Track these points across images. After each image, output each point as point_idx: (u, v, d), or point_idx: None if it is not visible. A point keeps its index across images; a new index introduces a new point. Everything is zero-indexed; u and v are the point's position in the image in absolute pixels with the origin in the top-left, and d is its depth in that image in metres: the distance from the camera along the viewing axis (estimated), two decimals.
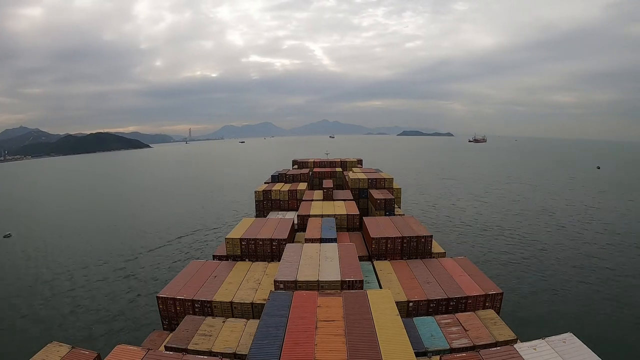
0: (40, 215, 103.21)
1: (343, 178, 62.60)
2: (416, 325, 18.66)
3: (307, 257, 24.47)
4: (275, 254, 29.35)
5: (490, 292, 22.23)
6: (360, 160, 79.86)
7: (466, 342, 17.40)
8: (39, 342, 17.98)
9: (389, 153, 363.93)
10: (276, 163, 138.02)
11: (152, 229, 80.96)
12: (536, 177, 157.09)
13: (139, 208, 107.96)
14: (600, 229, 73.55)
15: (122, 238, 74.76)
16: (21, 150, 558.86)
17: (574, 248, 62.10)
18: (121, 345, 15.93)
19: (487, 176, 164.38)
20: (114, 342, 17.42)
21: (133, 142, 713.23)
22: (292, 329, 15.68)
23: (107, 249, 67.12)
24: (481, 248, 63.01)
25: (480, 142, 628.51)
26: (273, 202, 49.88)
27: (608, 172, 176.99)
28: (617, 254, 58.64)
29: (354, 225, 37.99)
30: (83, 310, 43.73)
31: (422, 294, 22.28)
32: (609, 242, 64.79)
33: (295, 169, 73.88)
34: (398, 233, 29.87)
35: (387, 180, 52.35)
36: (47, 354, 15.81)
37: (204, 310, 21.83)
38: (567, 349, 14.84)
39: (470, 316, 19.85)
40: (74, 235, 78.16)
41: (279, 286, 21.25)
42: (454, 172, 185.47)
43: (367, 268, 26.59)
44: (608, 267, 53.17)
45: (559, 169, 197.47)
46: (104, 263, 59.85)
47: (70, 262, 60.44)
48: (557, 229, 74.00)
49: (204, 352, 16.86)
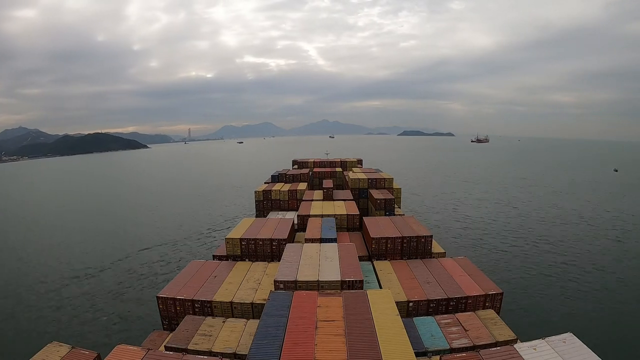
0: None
1: (343, 178, 62.63)
2: (416, 325, 18.66)
3: (307, 257, 24.47)
4: (275, 254, 29.36)
5: (490, 292, 22.24)
6: (360, 160, 79.93)
7: (466, 342, 17.40)
8: (39, 342, 17.98)
9: (390, 153, 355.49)
10: (275, 164, 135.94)
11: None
12: (545, 178, 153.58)
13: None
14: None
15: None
16: (19, 150, 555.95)
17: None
18: (121, 345, 15.94)
19: (491, 176, 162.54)
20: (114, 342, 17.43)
21: (131, 143, 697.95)
22: (292, 329, 15.69)
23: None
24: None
25: (483, 142, 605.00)
26: (273, 202, 49.89)
27: (625, 173, 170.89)
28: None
29: (354, 225, 37.99)
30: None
31: (422, 294, 22.28)
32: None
33: (295, 169, 73.91)
34: (398, 233, 29.88)
35: (387, 180, 52.39)
36: (47, 354, 15.81)
37: (204, 310, 21.84)
38: (567, 349, 14.84)
39: (470, 316, 19.86)
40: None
41: (279, 286, 21.26)
42: (457, 172, 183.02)
43: (367, 268, 26.59)
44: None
45: (571, 170, 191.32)
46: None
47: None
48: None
49: (204, 352, 16.87)
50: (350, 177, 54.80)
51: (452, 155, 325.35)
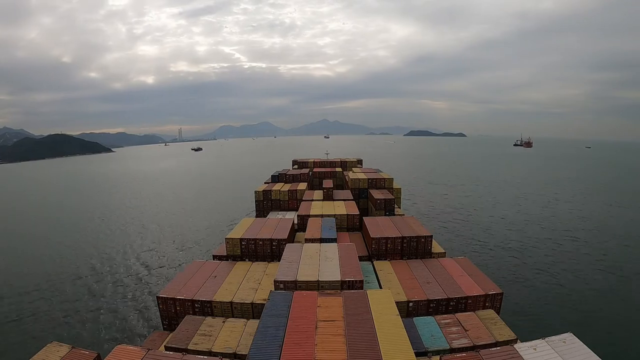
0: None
1: (343, 178, 62.63)
2: (416, 325, 18.64)
3: (307, 257, 24.44)
4: (275, 254, 29.33)
5: (490, 292, 22.21)
6: (360, 160, 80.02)
7: (466, 342, 17.39)
8: (39, 342, 17.97)
9: (411, 162, 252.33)
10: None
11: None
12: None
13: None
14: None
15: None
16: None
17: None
18: (121, 346, 15.92)
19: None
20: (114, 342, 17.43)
21: (89, 146, 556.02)
22: (292, 329, 15.67)
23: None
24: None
25: (528, 146, 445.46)
26: (273, 202, 49.87)
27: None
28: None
29: (354, 225, 37.96)
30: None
31: (422, 294, 22.26)
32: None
33: (295, 169, 73.89)
34: (398, 233, 29.86)
35: (387, 180, 52.41)
36: (47, 354, 15.79)
37: (204, 310, 21.81)
38: (567, 349, 14.82)
39: (470, 316, 19.83)
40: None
41: (279, 286, 21.24)
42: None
43: (367, 268, 26.56)
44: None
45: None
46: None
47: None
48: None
49: (204, 352, 16.85)
50: (350, 177, 54.80)
51: (503, 165, 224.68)
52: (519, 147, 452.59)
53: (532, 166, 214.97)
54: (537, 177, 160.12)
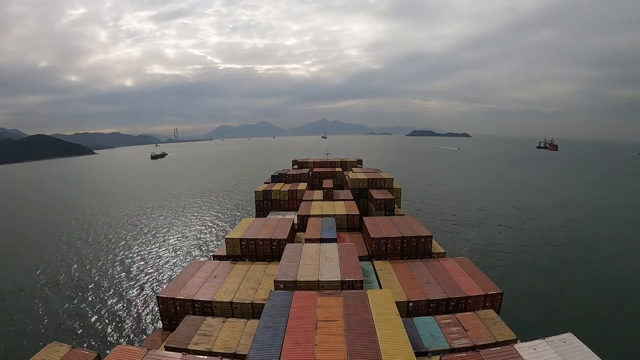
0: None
1: (343, 178, 62.66)
2: (416, 325, 18.63)
3: (307, 257, 24.46)
4: (275, 254, 29.38)
5: (490, 292, 22.21)
6: (360, 160, 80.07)
7: (466, 342, 17.38)
8: (39, 342, 17.98)
9: (435, 172, 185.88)
10: None
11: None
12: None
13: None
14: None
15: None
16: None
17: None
18: (121, 346, 15.97)
19: None
20: (114, 342, 17.39)
21: (69, 147, 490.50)
22: (292, 329, 15.68)
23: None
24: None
25: (553, 149, 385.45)
26: (273, 202, 49.89)
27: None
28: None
29: (354, 225, 37.98)
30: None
31: (422, 294, 22.26)
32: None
33: (295, 169, 73.91)
34: (398, 233, 29.88)
35: (387, 180, 52.43)
36: (47, 354, 15.81)
37: (204, 310, 21.81)
38: (567, 349, 14.82)
39: (470, 316, 19.82)
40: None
41: (279, 286, 21.25)
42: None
43: (367, 268, 26.57)
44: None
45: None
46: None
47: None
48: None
49: (204, 352, 16.86)
50: (350, 177, 54.82)
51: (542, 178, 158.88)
52: (542, 150, 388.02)
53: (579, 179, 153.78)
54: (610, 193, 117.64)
